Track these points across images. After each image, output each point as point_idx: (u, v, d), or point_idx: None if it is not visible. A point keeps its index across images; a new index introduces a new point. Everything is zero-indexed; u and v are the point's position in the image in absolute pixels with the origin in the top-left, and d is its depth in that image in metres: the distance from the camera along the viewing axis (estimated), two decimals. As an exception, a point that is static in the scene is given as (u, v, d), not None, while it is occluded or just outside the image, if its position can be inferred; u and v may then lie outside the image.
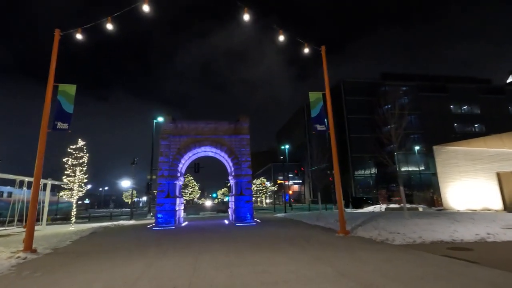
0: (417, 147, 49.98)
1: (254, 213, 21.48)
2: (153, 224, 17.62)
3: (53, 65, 10.17)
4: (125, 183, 37.24)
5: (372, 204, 30.09)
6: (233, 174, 19.38)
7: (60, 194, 20.13)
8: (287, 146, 53.32)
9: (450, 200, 19.67)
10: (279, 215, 24.94)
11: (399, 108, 13.20)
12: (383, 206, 24.37)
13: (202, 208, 52.68)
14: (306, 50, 11.60)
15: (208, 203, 72.32)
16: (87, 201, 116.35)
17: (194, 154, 20.21)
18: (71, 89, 10.31)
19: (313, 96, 11.98)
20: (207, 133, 19.16)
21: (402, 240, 8.77)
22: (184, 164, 20.44)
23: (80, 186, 18.21)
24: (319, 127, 11.70)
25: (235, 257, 7.41)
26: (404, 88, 64.93)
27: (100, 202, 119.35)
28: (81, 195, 19.04)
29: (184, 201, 69.04)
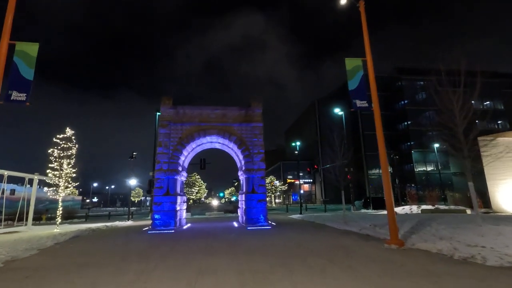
0: (436, 145, 46.26)
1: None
2: (150, 227, 15.05)
3: (9, 17, 7.66)
4: (131, 182, 35.15)
5: (397, 205, 27.00)
6: (243, 168, 16.66)
7: (44, 190, 17.69)
8: (298, 143, 50.15)
9: (501, 201, 16.57)
10: (294, 216, 22.18)
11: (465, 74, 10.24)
12: (414, 207, 21.35)
13: (208, 207, 50.16)
14: (343, 2, 8.82)
15: (214, 202, 69.90)
16: (95, 199, 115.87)
17: (198, 145, 17.50)
18: (32, 48, 7.77)
19: (351, 63, 9.17)
20: (214, 121, 16.41)
21: (498, 258, 5.94)
22: (186, 157, 17.78)
23: (67, 181, 15.74)
24: (360, 103, 8.90)
25: (253, 285, 4.78)
26: (421, 83, 61.99)
27: (107, 201, 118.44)
28: (69, 192, 16.58)
29: (191, 201, 67.04)
